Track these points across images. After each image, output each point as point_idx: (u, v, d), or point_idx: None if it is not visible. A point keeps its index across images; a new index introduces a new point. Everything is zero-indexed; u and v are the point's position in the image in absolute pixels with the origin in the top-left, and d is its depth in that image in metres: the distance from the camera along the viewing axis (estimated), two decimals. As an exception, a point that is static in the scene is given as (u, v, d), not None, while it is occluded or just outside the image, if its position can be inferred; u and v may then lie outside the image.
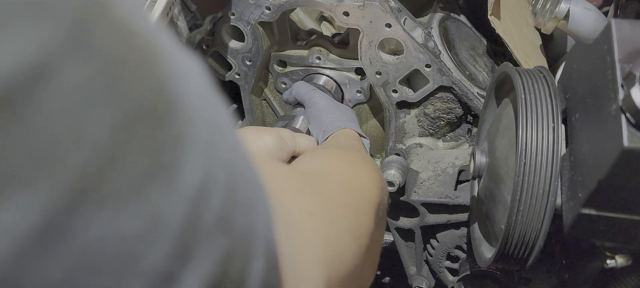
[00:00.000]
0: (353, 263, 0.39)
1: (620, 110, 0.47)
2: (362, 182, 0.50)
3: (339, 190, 0.45)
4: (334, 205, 0.41)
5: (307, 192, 0.40)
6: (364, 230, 0.44)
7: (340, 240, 0.38)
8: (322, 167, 0.51)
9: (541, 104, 0.59)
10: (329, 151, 0.61)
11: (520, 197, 0.58)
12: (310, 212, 0.37)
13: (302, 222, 0.35)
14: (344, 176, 0.49)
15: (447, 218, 0.88)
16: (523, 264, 0.63)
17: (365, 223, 0.45)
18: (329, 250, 0.36)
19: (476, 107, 0.91)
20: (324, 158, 0.54)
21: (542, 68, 0.66)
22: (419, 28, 0.91)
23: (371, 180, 0.51)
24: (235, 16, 0.94)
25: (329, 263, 0.35)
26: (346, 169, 0.51)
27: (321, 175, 0.47)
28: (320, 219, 0.37)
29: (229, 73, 1.03)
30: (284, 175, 0.40)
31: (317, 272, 0.33)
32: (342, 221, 0.40)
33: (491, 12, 0.85)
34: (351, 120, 0.84)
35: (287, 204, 0.35)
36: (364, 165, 0.54)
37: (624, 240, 0.57)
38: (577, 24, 0.87)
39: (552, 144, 0.57)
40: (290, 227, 0.33)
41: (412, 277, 1.00)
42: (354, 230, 0.41)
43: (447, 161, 0.91)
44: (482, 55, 1.01)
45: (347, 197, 0.45)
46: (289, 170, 0.45)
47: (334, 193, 0.43)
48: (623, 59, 0.49)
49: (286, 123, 0.89)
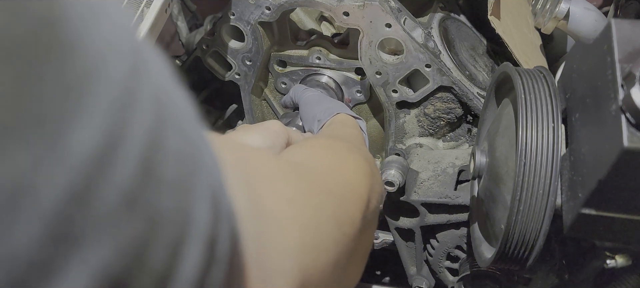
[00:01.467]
0: (336, 250, 0.38)
1: (620, 110, 0.47)
2: (348, 170, 0.48)
3: (322, 178, 0.43)
4: (315, 193, 0.39)
5: (287, 179, 0.37)
6: (347, 217, 0.42)
7: (320, 226, 0.37)
8: (306, 157, 0.49)
9: (541, 104, 0.59)
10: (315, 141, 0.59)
11: (520, 197, 0.58)
12: (288, 199, 0.35)
13: (277, 210, 0.33)
14: (328, 165, 0.47)
15: (447, 218, 0.88)
16: (523, 264, 0.63)
17: (349, 211, 0.43)
18: (306, 238, 0.34)
19: (476, 107, 0.91)
20: (309, 148, 0.52)
21: (542, 68, 0.66)
22: (419, 28, 0.91)
23: (358, 169, 0.49)
24: (235, 16, 0.94)
25: (305, 252, 0.34)
26: (331, 158, 0.50)
27: (305, 164, 0.45)
28: (297, 206, 0.35)
29: (229, 73, 1.03)
30: (263, 162, 0.38)
31: (290, 261, 0.32)
32: (323, 208, 0.39)
33: (491, 12, 0.85)
34: (344, 107, 0.83)
35: (261, 190, 0.32)
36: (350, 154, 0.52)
37: (624, 240, 0.57)
38: (577, 24, 0.87)
39: (552, 144, 0.57)
40: (262, 214, 0.31)
41: (412, 277, 1.00)
42: (337, 217, 0.40)
43: (447, 161, 0.91)
44: (482, 55, 1.01)
45: (331, 184, 0.43)
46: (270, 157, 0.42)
47: (316, 181, 0.41)
48: (623, 59, 0.49)
49: (289, 121, 0.89)
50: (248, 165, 0.35)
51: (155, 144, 0.19)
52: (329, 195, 0.41)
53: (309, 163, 0.46)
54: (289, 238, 0.32)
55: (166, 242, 0.19)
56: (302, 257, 0.33)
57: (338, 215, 0.40)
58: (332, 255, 0.37)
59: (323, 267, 0.36)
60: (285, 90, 1.05)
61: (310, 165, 0.45)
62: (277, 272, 0.31)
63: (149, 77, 0.19)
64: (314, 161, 0.47)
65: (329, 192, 0.41)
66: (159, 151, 0.19)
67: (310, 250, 0.34)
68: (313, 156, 0.49)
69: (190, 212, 0.20)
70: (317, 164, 0.46)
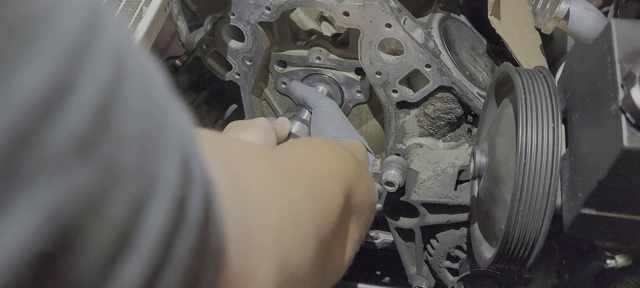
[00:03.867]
0: (314, 224, 0.39)
1: (620, 110, 0.47)
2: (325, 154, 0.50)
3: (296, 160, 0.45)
4: (289, 173, 0.40)
5: (259, 161, 0.39)
6: (325, 193, 0.43)
7: (295, 202, 0.38)
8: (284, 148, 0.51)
9: (541, 104, 0.59)
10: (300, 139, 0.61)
11: (520, 197, 0.58)
12: (264, 180, 0.36)
13: (256, 188, 0.34)
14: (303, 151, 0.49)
15: (447, 218, 0.88)
16: (523, 264, 0.63)
17: (326, 186, 0.44)
18: (283, 214, 0.35)
19: (476, 107, 0.91)
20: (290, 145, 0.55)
21: (542, 68, 0.66)
22: (419, 28, 0.91)
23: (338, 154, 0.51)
24: (235, 16, 0.94)
25: (283, 228, 0.34)
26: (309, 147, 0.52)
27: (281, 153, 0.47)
28: (273, 186, 0.36)
29: (229, 73, 1.03)
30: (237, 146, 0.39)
31: (269, 238, 0.33)
32: (299, 186, 0.40)
33: (491, 12, 0.85)
34: (359, 136, 0.85)
35: (238, 171, 0.33)
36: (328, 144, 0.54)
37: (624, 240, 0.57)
38: (577, 24, 0.87)
39: (552, 144, 0.57)
40: (241, 191, 0.32)
41: (412, 277, 1.00)
42: (313, 193, 0.41)
43: (447, 161, 0.91)
44: (482, 55, 1.01)
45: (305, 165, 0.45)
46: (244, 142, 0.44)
47: (290, 163, 0.43)
48: (623, 59, 0.49)
49: (293, 114, 0.90)
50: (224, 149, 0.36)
51: (113, 98, 0.19)
52: (303, 174, 0.42)
53: (285, 152, 0.48)
54: (267, 215, 0.33)
55: (127, 196, 0.19)
56: (281, 233, 0.34)
57: (314, 191, 0.41)
58: (311, 229, 0.38)
59: (303, 241, 0.37)
60: (285, 91, 1.05)
61: (286, 154, 0.47)
62: (257, 247, 0.31)
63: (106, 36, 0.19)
64: (290, 151, 0.49)
65: (303, 172, 0.43)
66: (117, 105, 0.19)
67: (288, 226, 0.35)
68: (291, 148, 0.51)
69: (155, 169, 0.21)
70: (292, 152, 0.48)
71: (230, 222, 0.28)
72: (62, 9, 0.18)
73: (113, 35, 0.20)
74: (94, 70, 0.18)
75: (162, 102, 0.22)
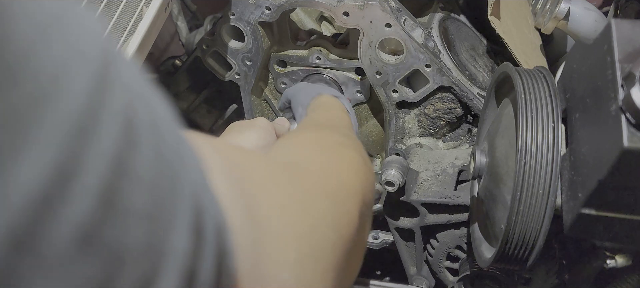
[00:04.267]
0: (334, 254, 0.37)
1: (620, 110, 0.47)
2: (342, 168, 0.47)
3: (315, 179, 0.42)
4: (309, 196, 0.37)
5: (280, 183, 0.36)
6: (344, 218, 0.41)
7: (316, 232, 0.35)
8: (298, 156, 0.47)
9: (541, 104, 0.59)
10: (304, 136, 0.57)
11: (520, 197, 0.58)
12: (282, 206, 0.33)
13: (273, 217, 0.32)
14: (321, 164, 0.46)
15: (447, 218, 0.88)
16: (523, 264, 0.63)
17: (346, 211, 0.41)
18: (302, 246, 0.33)
19: (476, 107, 0.91)
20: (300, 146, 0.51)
21: (542, 68, 0.66)
22: (419, 28, 0.91)
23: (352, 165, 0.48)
24: (235, 16, 0.94)
25: (302, 261, 0.32)
26: (324, 156, 0.48)
27: (297, 164, 0.44)
28: (293, 213, 0.34)
29: (229, 73, 1.03)
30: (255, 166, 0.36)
31: (286, 273, 0.31)
32: (319, 211, 0.37)
33: (491, 12, 0.85)
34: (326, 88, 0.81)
35: (257, 197, 0.31)
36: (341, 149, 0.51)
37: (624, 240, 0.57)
38: (577, 24, 0.87)
39: (552, 144, 0.57)
40: (258, 223, 0.30)
41: (412, 277, 1.00)
42: (334, 219, 0.38)
43: (447, 161, 0.91)
44: (482, 55, 1.01)
45: (325, 185, 0.41)
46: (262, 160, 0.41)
47: (309, 183, 0.40)
48: (623, 59, 0.49)
49: (291, 115, 0.90)
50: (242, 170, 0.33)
51: (121, 173, 0.17)
52: (324, 197, 0.39)
53: (301, 163, 0.45)
54: (284, 248, 0.31)
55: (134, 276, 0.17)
56: (300, 266, 0.32)
57: (334, 217, 0.39)
58: (331, 260, 0.36)
59: (322, 273, 0.35)
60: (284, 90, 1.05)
61: (303, 165, 0.44)
62: (273, 283, 0.29)
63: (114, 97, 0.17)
64: (306, 160, 0.46)
65: (324, 194, 0.39)
66: (126, 180, 0.17)
67: (308, 259, 0.33)
68: (305, 155, 0.48)
69: (165, 242, 0.19)
70: (310, 164, 0.45)
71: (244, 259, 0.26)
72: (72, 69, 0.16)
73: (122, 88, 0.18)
74: (100, 146, 0.16)
75: (172, 157, 0.20)
